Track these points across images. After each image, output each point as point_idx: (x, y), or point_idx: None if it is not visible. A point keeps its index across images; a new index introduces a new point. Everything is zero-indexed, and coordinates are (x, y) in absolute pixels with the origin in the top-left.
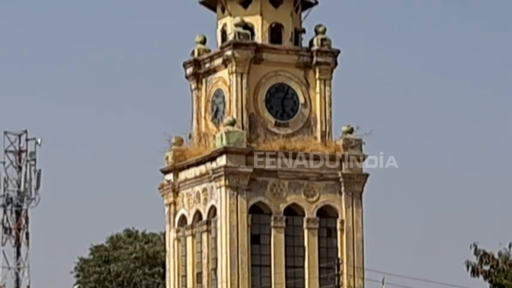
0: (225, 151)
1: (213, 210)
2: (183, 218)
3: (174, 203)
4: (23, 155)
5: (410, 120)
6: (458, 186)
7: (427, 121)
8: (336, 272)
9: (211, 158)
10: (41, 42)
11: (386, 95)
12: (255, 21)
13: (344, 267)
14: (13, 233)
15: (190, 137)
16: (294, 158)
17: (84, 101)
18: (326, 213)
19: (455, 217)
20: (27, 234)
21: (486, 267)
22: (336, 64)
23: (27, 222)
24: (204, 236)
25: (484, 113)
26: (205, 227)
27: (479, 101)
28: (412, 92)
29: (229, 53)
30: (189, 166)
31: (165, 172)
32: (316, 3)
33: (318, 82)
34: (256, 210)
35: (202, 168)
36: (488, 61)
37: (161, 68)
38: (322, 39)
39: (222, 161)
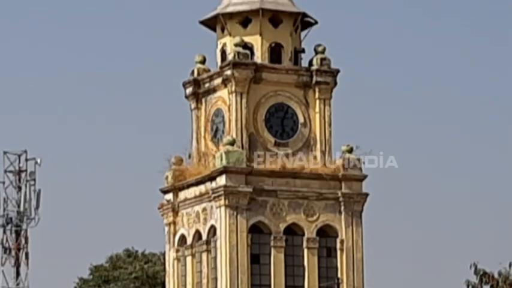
0: (224, 171)
1: (212, 230)
2: (182, 238)
3: (174, 223)
4: (23, 175)
5: (409, 139)
6: (458, 205)
7: (427, 140)
8: None
9: (211, 178)
10: (41, 61)
11: (386, 114)
12: (255, 41)
13: (344, 287)
14: (13, 253)
15: (190, 156)
16: (293, 177)
17: (84, 121)
18: (326, 233)
19: (455, 237)
20: (26, 254)
21: (486, 287)
22: (335, 84)
23: (26, 242)
24: (204, 255)
25: (486, 130)
26: (205, 247)
27: (481, 116)
28: (412, 110)
29: (228, 72)
30: (188, 186)
31: (165, 192)
32: (316, 23)
33: (317, 102)
34: (256, 230)
35: (202, 188)
36: (487, 74)
37: (161, 88)
38: (322, 59)
39: (221, 180)
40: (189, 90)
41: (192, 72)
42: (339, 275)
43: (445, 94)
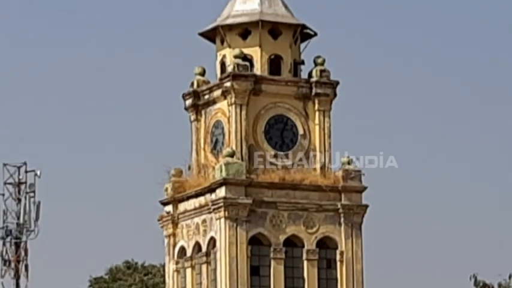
0: (224, 182)
1: (212, 242)
2: (182, 250)
3: (174, 235)
4: (22, 187)
5: (409, 151)
6: (457, 217)
7: (427, 148)
8: None
9: (211, 190)
10: (41, 73)
11: (386, 125)
12: (254, 52)
13: None
14: (12, 265)
15: (189, 168)
16: (293, 189)
17: (83, 133)
18: (326, 245)
19: (454, 248)
20: (26, 266)
21: None
22: (335, 95)
23: (26, 254)
24: (204, 267)
25: (487, 137)
26: (204, 259)
27: (483, 126)
28: (412, 123)
29: (228, 84)
30: (188, 197)
31: (165, 204)
32: (316, 34)
33: (317, 113)
34: (256, 242)
35: (201, 200)
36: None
37: (160, 100)
38: (321, 71)
39: (221, 192)
40: (189, 102)
41: (192, 84)
42: (339, 287)
43: (446, 100)
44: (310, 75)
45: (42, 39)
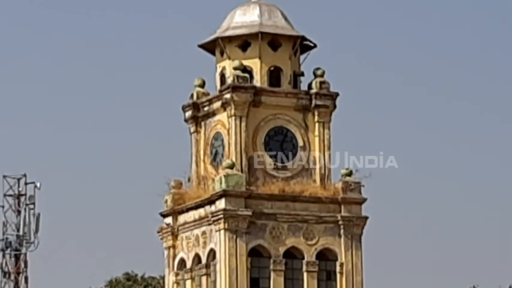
0: (224, 194)
1: (212, 254)
2: (182, 262)
3: (173, 247)
4: (22, 198)
5: (409, 160)
6: (457, 229)
7: (427, 161)
8: None
9: (211, 201)
10: (39, 88)
11: (386, 137)
12: (254, 64)
13: None
14: (12, 277)
15: (189, 180)
16: (293, 201)
17: (83, 145)
18: (325, 256)
19: (454, 260)
20: (26, 278)
21: None
22: (334, 107)
23: (26, 266)
24: (204, 279)
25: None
26: (204, 271)
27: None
28: (411, 133)
29: (228, 96)
30: (188, 209)
31: (164, 215)
32: (315, 46)
33: (316, 125)
34: (256, 254)
35: (201, 212)
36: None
37: (160, 111)
38: (321, 82)
39: (221, 204)
40: (189, 113)
41: (192, 95)
42: None
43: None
44: (309, 86)
45: (40, 49)
